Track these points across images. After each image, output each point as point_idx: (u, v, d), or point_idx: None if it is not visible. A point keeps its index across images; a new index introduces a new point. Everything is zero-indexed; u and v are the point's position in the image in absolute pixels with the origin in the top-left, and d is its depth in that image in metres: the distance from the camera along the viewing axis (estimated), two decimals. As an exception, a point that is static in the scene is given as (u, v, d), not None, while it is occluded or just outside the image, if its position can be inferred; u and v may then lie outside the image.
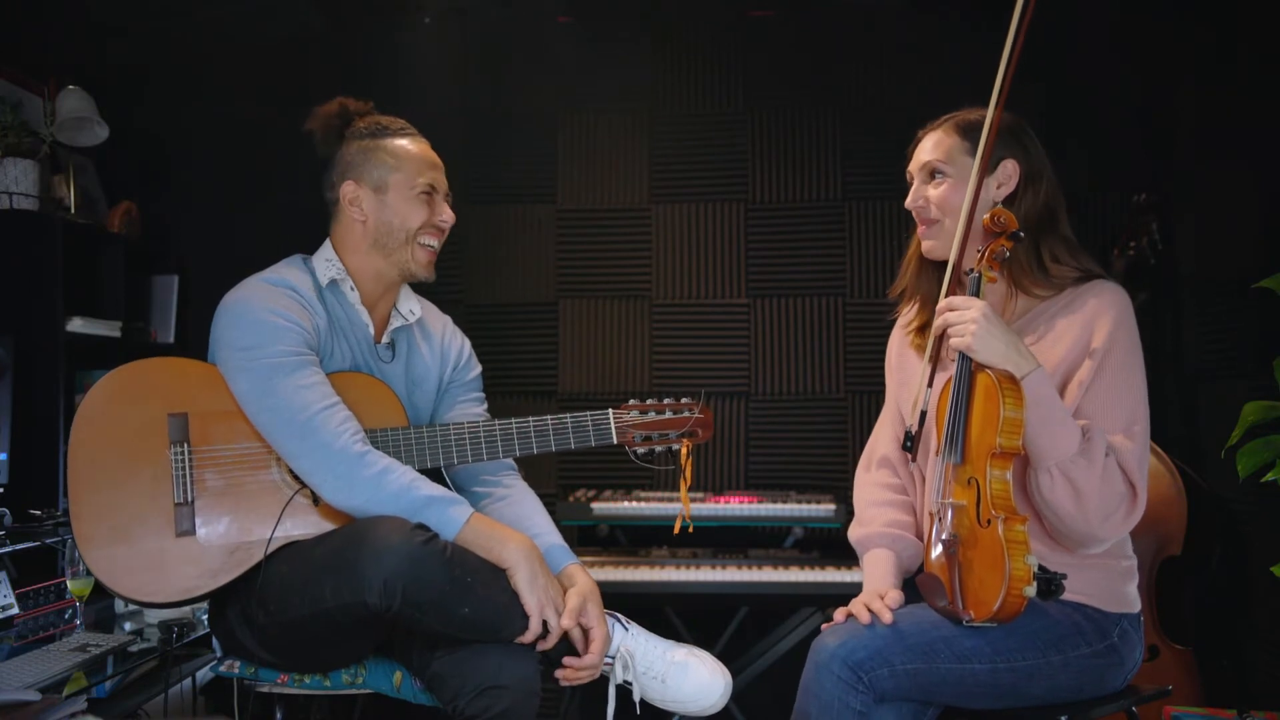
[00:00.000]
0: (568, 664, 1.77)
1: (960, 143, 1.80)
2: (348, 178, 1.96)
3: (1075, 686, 1.70)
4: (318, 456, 1.76)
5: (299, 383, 1.78)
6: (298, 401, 1.77)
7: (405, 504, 1.74)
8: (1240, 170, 2.73)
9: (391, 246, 1.95)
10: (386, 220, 1.95)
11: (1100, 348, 1.69)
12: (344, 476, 1.75)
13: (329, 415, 1.77)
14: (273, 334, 1.81)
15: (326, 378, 1.84)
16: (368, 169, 1.95)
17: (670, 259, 3.32)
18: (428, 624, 1.68)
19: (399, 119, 2.01)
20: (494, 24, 3.33)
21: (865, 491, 1.96)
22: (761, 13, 3.29)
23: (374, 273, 1.98)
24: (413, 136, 2.00)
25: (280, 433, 1.79)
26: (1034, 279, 1.76)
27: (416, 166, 1.96)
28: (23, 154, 2.89)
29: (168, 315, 3.38)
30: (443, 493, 1.78)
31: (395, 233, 1.95)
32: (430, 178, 1.97)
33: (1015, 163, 1.77)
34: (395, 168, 1.95)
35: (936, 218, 1.81)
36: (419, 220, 1.95)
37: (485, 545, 1.75)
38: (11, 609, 2.28)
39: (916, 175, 1.86)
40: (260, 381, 1.79)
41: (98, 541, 1.76)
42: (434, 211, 1.98)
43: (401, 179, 1.95)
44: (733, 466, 3.26)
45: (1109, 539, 1.68)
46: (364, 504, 1.75)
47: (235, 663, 1.87)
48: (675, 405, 1.95)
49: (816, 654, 1.65)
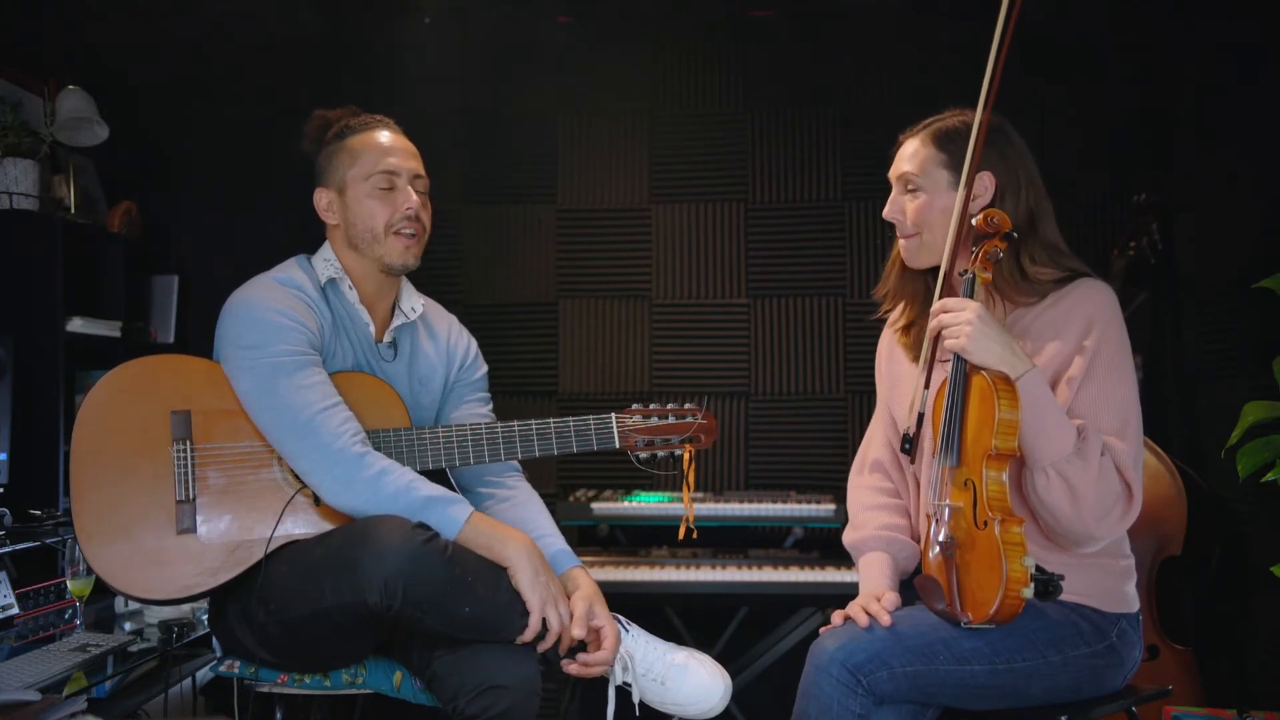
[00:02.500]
0: (581, 660, 1.77)
1: (936, 154, 1.79)
2: (318, 185, 1.97)
3: (1074, 687, 1.70)
4: (317, 457, 1.76)
5: (300, 383, 1.79)
6: (298, 401, 1.77)
7: (404, 504, 1.74)
8: (1240, 170, 2.73)
9: (365, 244, 1.94)
10: (352, 220, 1.94)
11: (1089, 347, 1.68)
12: (342, 478, 1.75)
13: (329, 415, 1.78)
14: (276, 333, 1.81)
15: (329, 378, 1.84)
16: (330, 172, 1.95)
17: (670, 259, 3.32)
18: (428, 623, 1.69)
19: (371, 115, 1.99)
20: (494, 24, 3.33)
21: (859, 496, 1.96)
22: (761, 13, 3.29)
23: (362, 271, 1.97)
24: (372, 129, 1.96)
25: (281, 432, 1.79)
26: (1015, 285, 1.75)
27: (371, 158, 1.93)
28: (23, 154, 2.90)
29: (168, 315, 3.38)
30: (442, 492, 1.78)
31: (363, 232, 1.93)
32: (386, 165, 1.92)
33: (990, 174, 1.76)
34: (350, 164, 1.93)
35: (912, 231, 1.82)
36: (383, 217, 1.92)
37: (486, 544, 1.75)
38: (11, 609, 2.28)
39: (895, 184, 1.85)
40: (262, 381, 1.79)
41: (99, 538, 1.76)
42: (397, 203, 1.93)
43: (357, 174, 1.93)
44: (733, 466, 3.26)
45: (1105, 538, 1.68)
46: (363, 505, 1.75)
47: (235, 663, 1.87)
48: (679, 410, 1.94)
49: (815, 657, 1.65)
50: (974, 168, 1.71)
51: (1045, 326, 1.74)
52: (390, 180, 1.93)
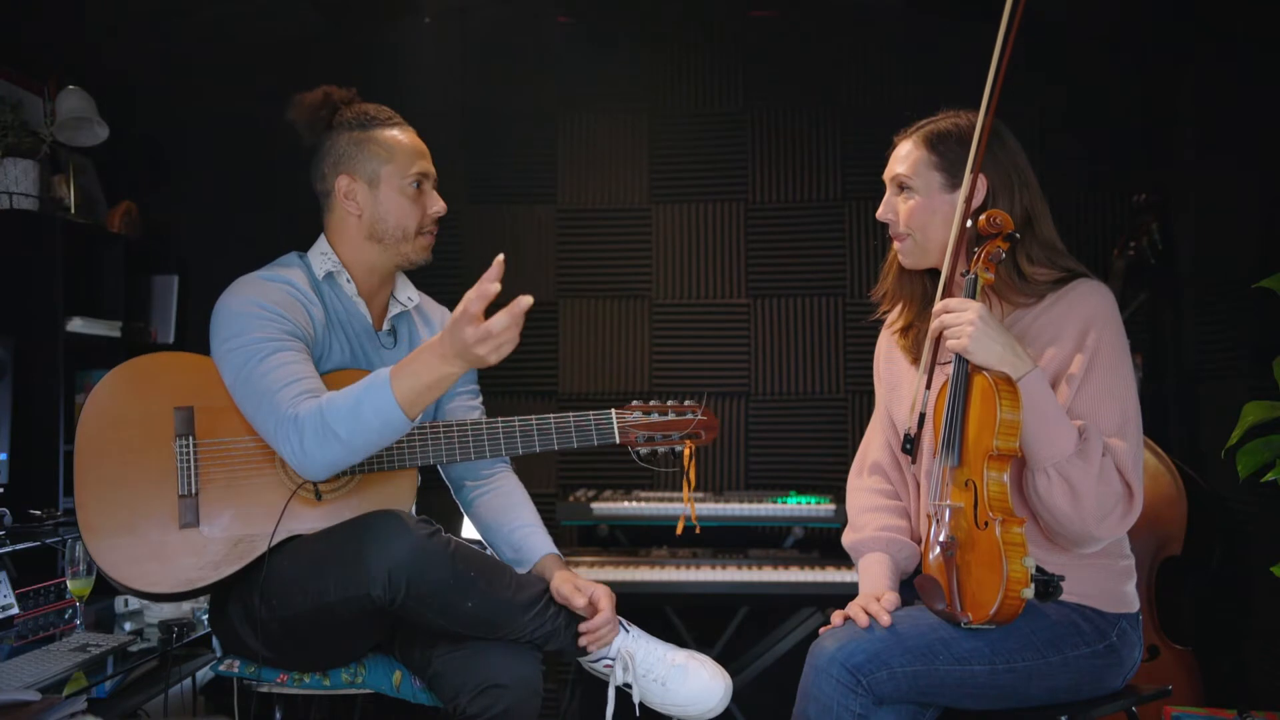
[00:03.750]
0: (584, 629, 1.78)
1: (928, 156, 1.79)
2: (341, 170, 1.94)
3: (1074, 687, 1.70)
4: (280, 434, 1.72)
5: (271, 366, 1.77)
6: (264, 385, 1.75)
7: (352, 423, 1.68)
8: (1240, 170, 2.73)
9: (393, 239, 1.94)
10: (382, 215, 1.94)
11: (1089, 347, 1.69)
12: (299, 444, 1.70)
13: (286, 390, 1.74)
14: (249, 322, 1.80)
15: (305, 359, 1.81)
16: (360, 161, 1.93)
17: (670, 259, 3.32)
18: (430, 618, 1.69)
19: (385, 108, 2.00)
20: (494, 24, 3.33)
21: (858, 498, 1.96)
22: (762, 13, 3.29)
23: (370, 264, 1.96)
24: (401, 126, 1.98)
25: (257, 417, 1.77)
26: (1012, 285, 1.76)
27: (408, 157, 1.94)
28: (23, 154, 2.90)
29: (168, 315, 3.38)
30: (362, 384, 1.71)
31: (392, 229, 1.94)
32: (420, 167, 1.95)
33: (983, 177, 1.76)
34: (387, 159, 1.93)
35: (905, 233, 1.82)
36: (415, 220, 1.95)
37: (420, 376, 1.69)
38: (11, 609, 2.28)
39: (888, 185, 1.86)
40: (238, 369, 1.78)
41: (101, 531, 1.77)
42: (427, 205, 1.97)
43: (393, 171, 1.93)
44: (733, 466, 3.26)
45: (1106, 539, 1.68)
46: (333, 458, 1.70)
47: (235, 662, 1.88)
48: (679, 407, 1.95)
49: (815, 657, 1.65)
50: (976, 169, 1.71)
51: (1044, 327, 1.74)
52: (423, 183, 1.96)
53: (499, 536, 1.98)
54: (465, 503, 2.05)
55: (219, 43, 3.27)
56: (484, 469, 2.05)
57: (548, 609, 1.79)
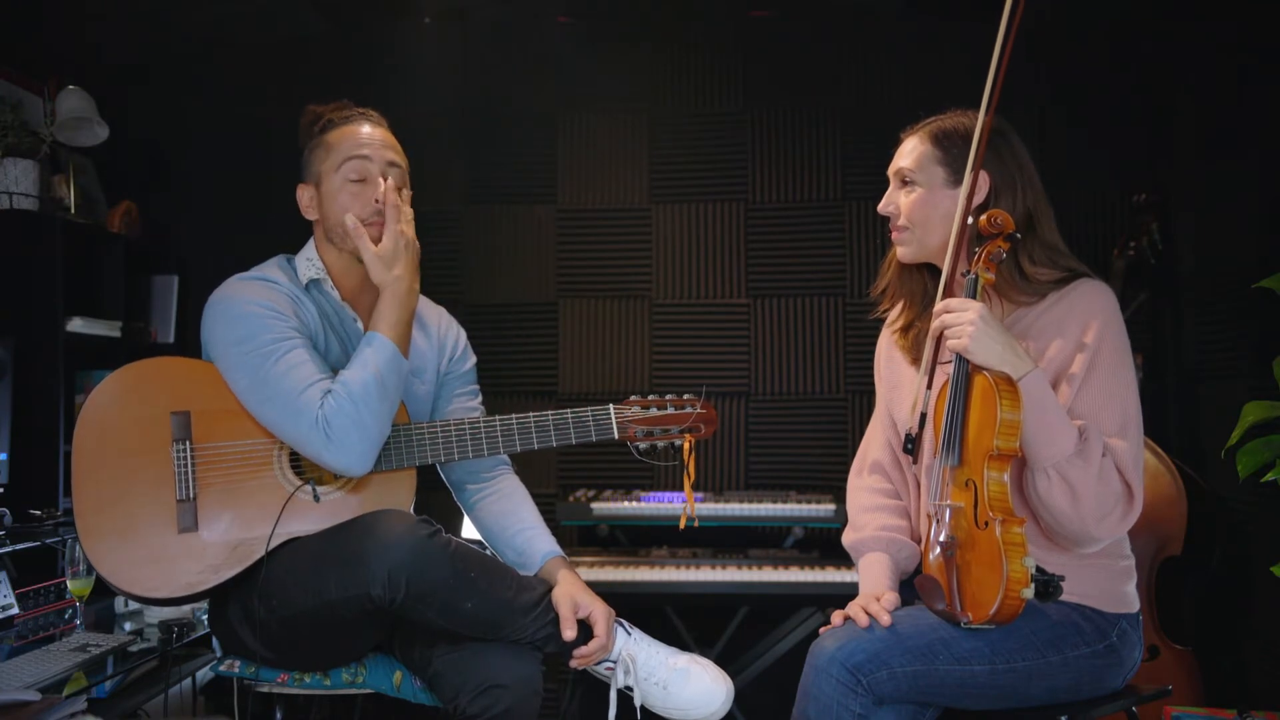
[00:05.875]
0: (578, 655, 1.77)
1: (932, 151, 1.79)
2: (300, 181, 1.95)
3: (1074, 687, 1.69)
4: (313, 435, 1.75)
5: (288, 364, 1.78)
6: (286, 386, 1.76)
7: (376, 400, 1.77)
8: (1240, 170, 2.73)
9: (339, 238, 1.90)
10: (326, 214, 1.91)
11: (1090, 347, 1.68)
12: (328, 439, 1.74)
13: (309, 393, 1.76)
14: (259, 324, 1.80)
15: (313, 353, 1.83)
16: (309, 166, 1.94)
17: (670, 259, 3.32)
18: (430, 617, 1.69)
19: (351, 107, 1.96)
20: (494, 24, 3.33)
21: (858, 497, 1.96)
22: (761, 13, 3.29)
23: (344, 267, 1.94)
24: (357, 121, 1.93)
25: (279, 419, 1.78)
26: (1014, 285, 1.76)
27: (342, 150, 1.89)
28: (23, 154, 2.90)
29: (168, 315, 3.38)
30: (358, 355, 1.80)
31: (335, 227, 1.89)
32: (357, 156, 1.88)
33: (986, 174, 1.76)
34: (324, 157, 1.91)
35: (905, 225, 1.82)
36: (355, 211, 1.86)
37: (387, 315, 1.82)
38: (11, 609, 2.28)
39: (892, 179, 1.86)
40: (254, 372, 1.78)
41: (100, 536, 1.76)
42: (367, 195, 1.87)
43: (329, 167, 1.90)
44: (733, 466, 3.26)
45: (1106, 539, 1.68)
46: (368, 446, 1.77)
47: (235, 662, 1.88)
48: (678, 401, 1.95)
49: (815, 657, 1.65)
50: (977, 166, 1.71)
51: (1045, 327, 1.74)
52: (361, 171, 1.89)
53: (502, 539, 1.97)
54: (467, 505, 2.05)
55: (219, 43, 3.28)
56: (485, 471, 2.04)
57: (548, 612, 1.78)
